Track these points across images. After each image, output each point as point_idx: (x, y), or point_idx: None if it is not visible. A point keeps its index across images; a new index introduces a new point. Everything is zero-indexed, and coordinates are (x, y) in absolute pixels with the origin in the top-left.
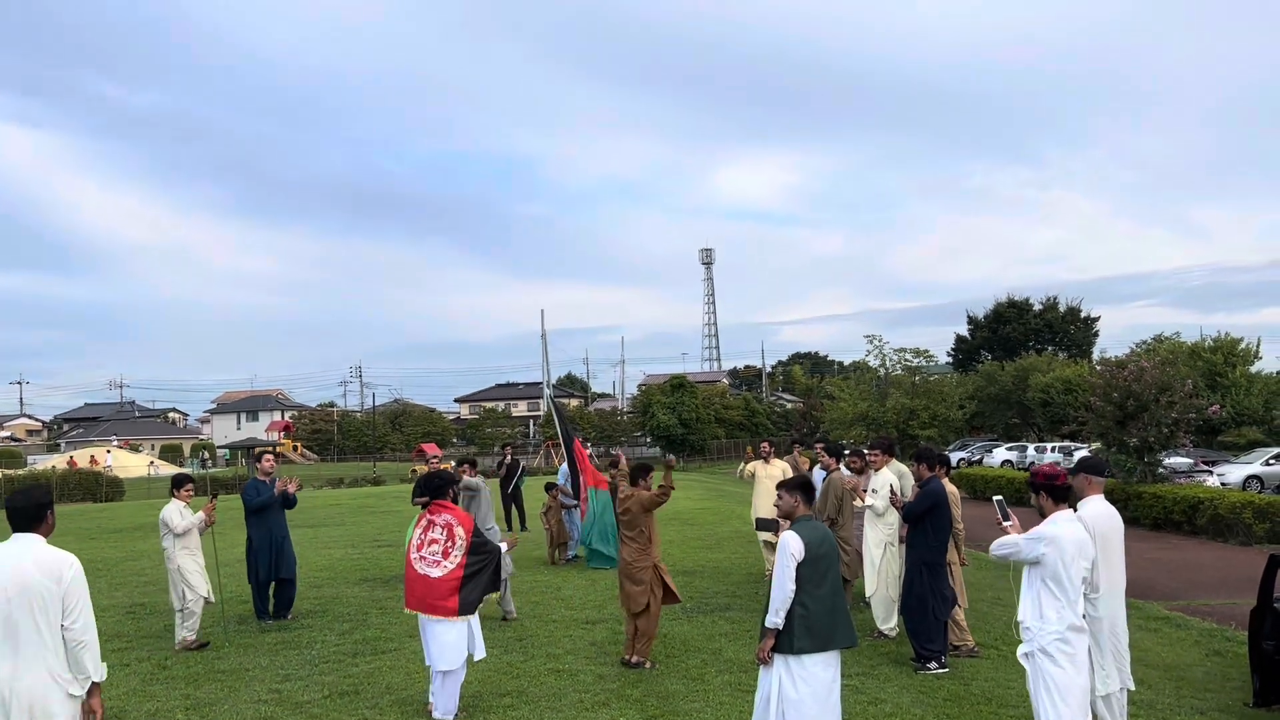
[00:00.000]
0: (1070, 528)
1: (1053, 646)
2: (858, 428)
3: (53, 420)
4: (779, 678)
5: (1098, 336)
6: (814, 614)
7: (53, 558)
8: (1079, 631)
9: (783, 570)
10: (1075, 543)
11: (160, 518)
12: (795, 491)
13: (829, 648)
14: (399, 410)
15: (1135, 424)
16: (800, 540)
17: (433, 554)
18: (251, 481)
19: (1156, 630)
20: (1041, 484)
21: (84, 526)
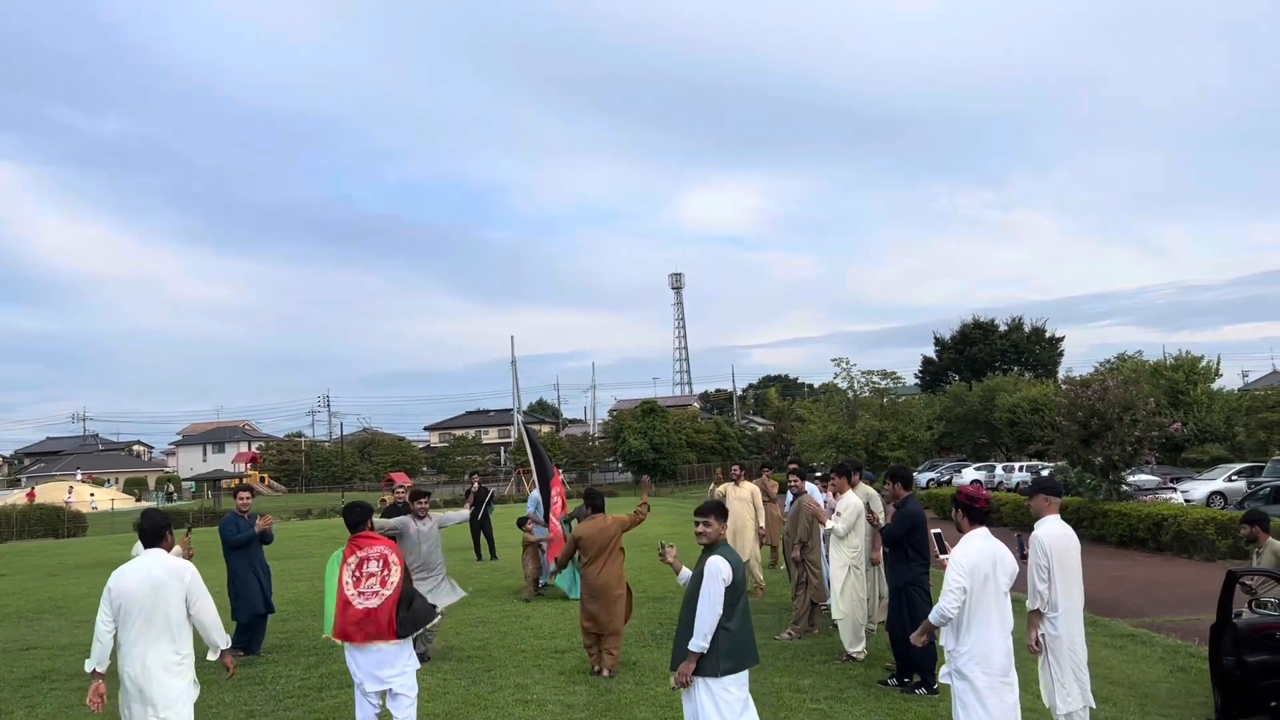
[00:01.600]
0: (978, 545)
1: (967, 667)
2: (828, 450)
3: (13, 455)
4: (700, 700)
5: (1063, 356)
6: (735, 635)
7: (177, 565)
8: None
9: (714, 595)
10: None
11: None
12: (719, 517)
13: (744, 667)
14: (368, 439)
15: (1100, 442)
16: (729, 564)
17: (370, 587)
18: (229, 517)
19: (1121, 648)
20: (961, 502)
21: (45, 563)
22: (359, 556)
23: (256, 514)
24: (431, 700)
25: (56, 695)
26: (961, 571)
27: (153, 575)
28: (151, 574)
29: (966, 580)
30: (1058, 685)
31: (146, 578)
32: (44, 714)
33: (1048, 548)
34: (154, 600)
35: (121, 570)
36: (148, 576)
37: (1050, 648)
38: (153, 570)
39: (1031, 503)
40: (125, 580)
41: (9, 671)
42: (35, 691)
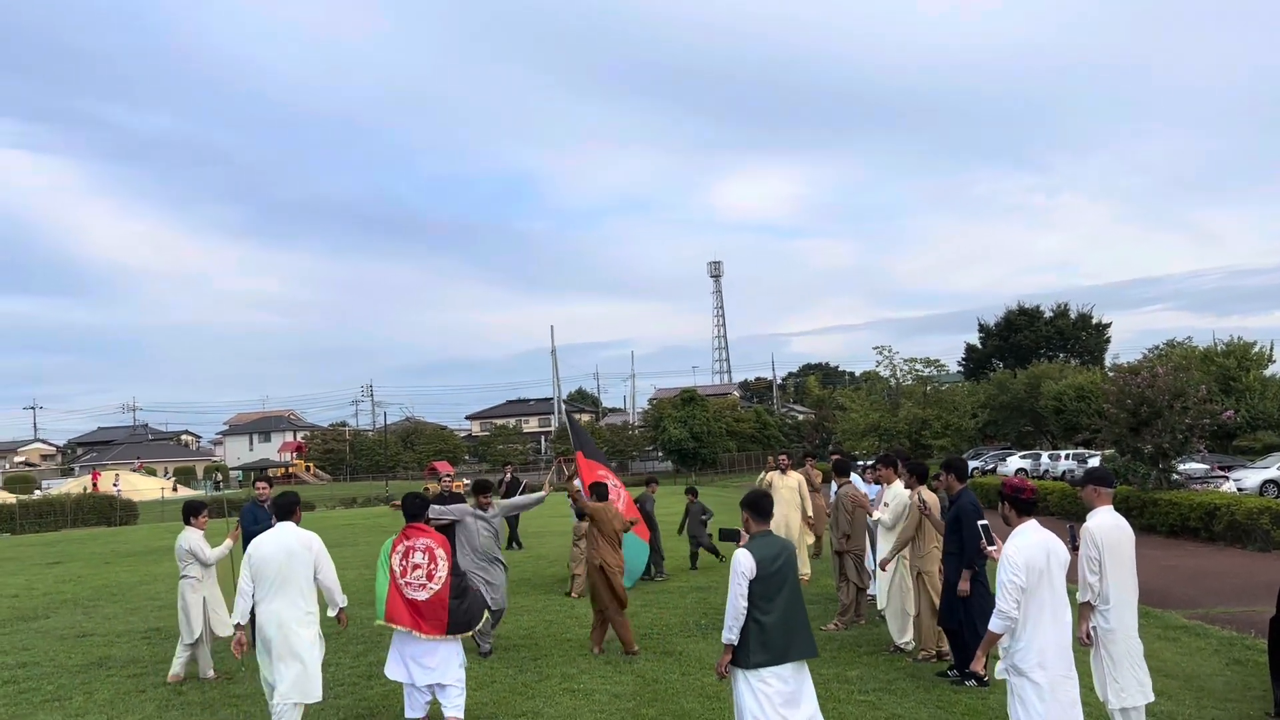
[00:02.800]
0: (1029, 539)
1: (1024, 663)
2: (870, 438)
3: (66, 445)
4: (739, 690)
5: (1109, 342)
6: (768, 629)
7: (305, 536)
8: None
9: (734, 587)
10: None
11: (185, 548)
12: (746, 509)
13: (785, 661)
14: (410, 428)
15: (1149, 430)
16: (751, 558)
17: (418, 579)
18: (249, 506)
19: (1175, 639)
20: (1007, 495)
21: (99, 551)
22: (406, 546)
23: None
24: (479, 689)
25: (113, 681)
26: (1016, 570)
27: (286, 543)
28: (285, 542)
29: (1021, 577)
30: (1110, 679)
31: (280, 546)
32: (101, 699)
33: (1099, 539)
34: (287, 564)
35: (260, 539)
36: (282, 545)
37: (1102, 641)
38: (285, 539)
39: (1082, 493)
40: (262, 548)
41: (67, 658)
42: (93, 677)
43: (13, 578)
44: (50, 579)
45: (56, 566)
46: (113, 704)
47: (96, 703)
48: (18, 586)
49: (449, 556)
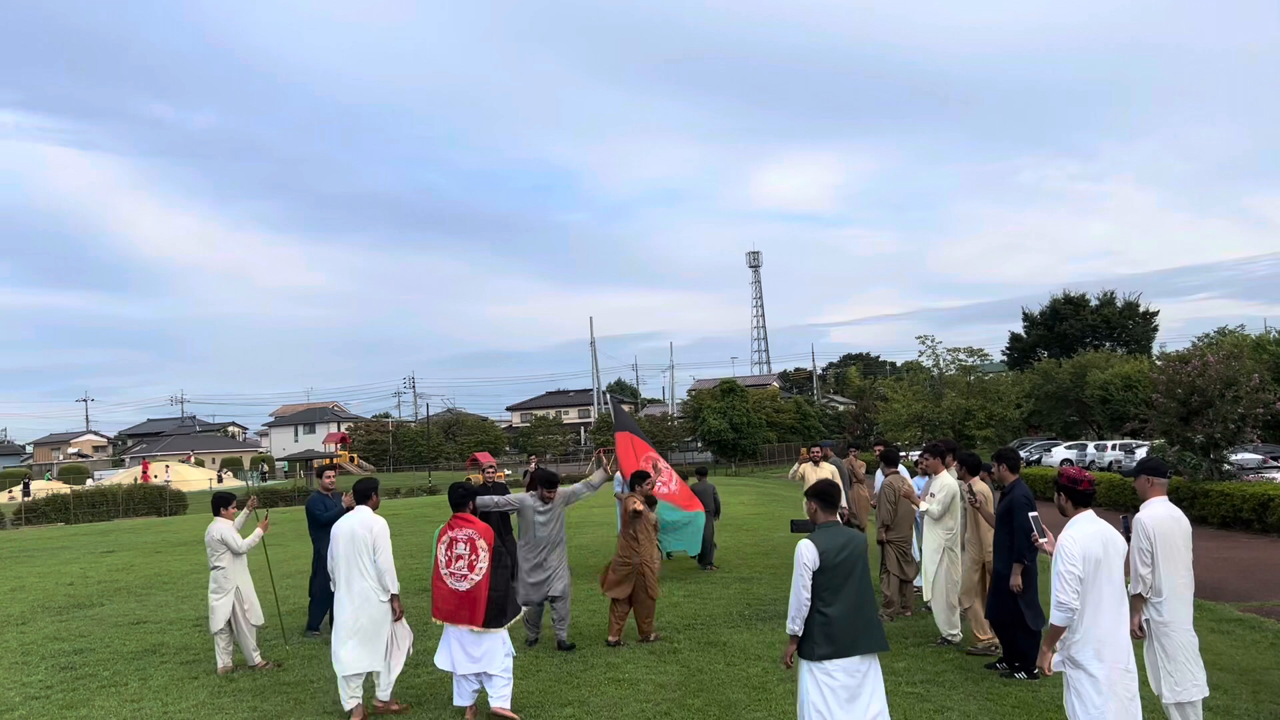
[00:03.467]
0: (1086, 529)
1: (1081, 655)
2: (912, 429)
3: (117, 436)
4: (805, 682)
5: (1157, 331)
6: (834, 621)
7: (371, 520)
8: (1118, 636)
9: (797, 579)
10: (1095, 543)
11: (215, 537)
12: (814, 499)
13: (851, 654)
14: (452, 420)
15: (1200, 420)
16: (815, 549)
17: (460, 569)
18: (316, 496)
19: (1229, 633)
20: (1064, 485)
21: (150, 540)
22: (450, 536)
23: (341, 492)
24: (524, 678)
25: (167, 668)
26: (1073, 560)
27: (351, 527)
28: (351, 526)
29: (1079, 567)
30: (1164, 673)
31: (348, 529)
32: (156, 686)
33: (1151, 531)
34: (351, 546)
35: (339, 522)
36: (349, 528)
37: (1155, 634)
38: (352, 523)
39: (1135, 484)
40: (337, 530)
41: (122, 645)
42: (148, 664)
43: (68, 566)
44: (104, 567)
45: (110, 555)
46: (167, 690)
47: (151, 689)
48: (73, 575)
49: (490, 548)
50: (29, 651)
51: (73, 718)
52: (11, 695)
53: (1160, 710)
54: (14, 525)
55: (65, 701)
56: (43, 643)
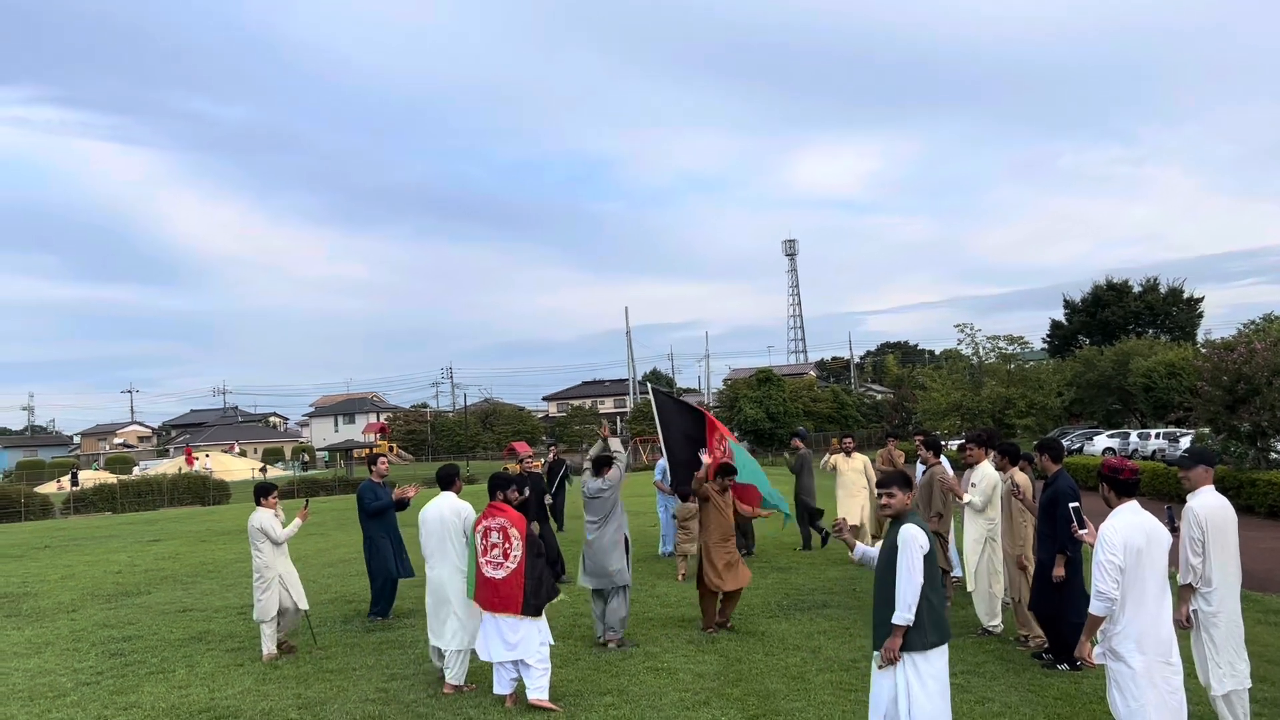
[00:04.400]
0: (1128, 519)
1: (1122, 647)
2: (951, 418)
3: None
4: (905, 676)
5: (1202, 317)
6: (936, 607)
7: (458, 504)
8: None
9: (914, 563)
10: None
11: (256, 526)
12: (903, 488)
13: (946, 640)
14: (489, 410)
15: (1246, 408)
16: (925, 533)
17: (495, 557)
18: (368, 484)
19: (1276, 624)
20: (1106, 475)
21: (195, 529)
22: (485, 526)
23: (392, 483)
24: (564, 667)
25: (213, 655)
26: (1113, 549)
27: (440, 511)
28: (440, 510)
29: (1120, 557)
30: (1212, 665)
31: (437, 512)
32: (203, 673)
33: (1203, 520)
34: (440, 529)
35: (425, 508)
36: (438, 511)
37: (1204, 624)
38: (441, 507)
39: (1191, 474)
40: (426, 513)
41: (169, 632)
42: (194, 651)
43: (116, 555)
44: (151, 556)
45: (156, 544)
46: (213, 677)
47: (198, 675)
48: (121, 563)
49: (524, 536)
50: (79, 638)
51: (122, 703)
52: (63, 681)
53: (1205, 703)
54: (63, 514)
55: (115, 688)
56: (92, 630)
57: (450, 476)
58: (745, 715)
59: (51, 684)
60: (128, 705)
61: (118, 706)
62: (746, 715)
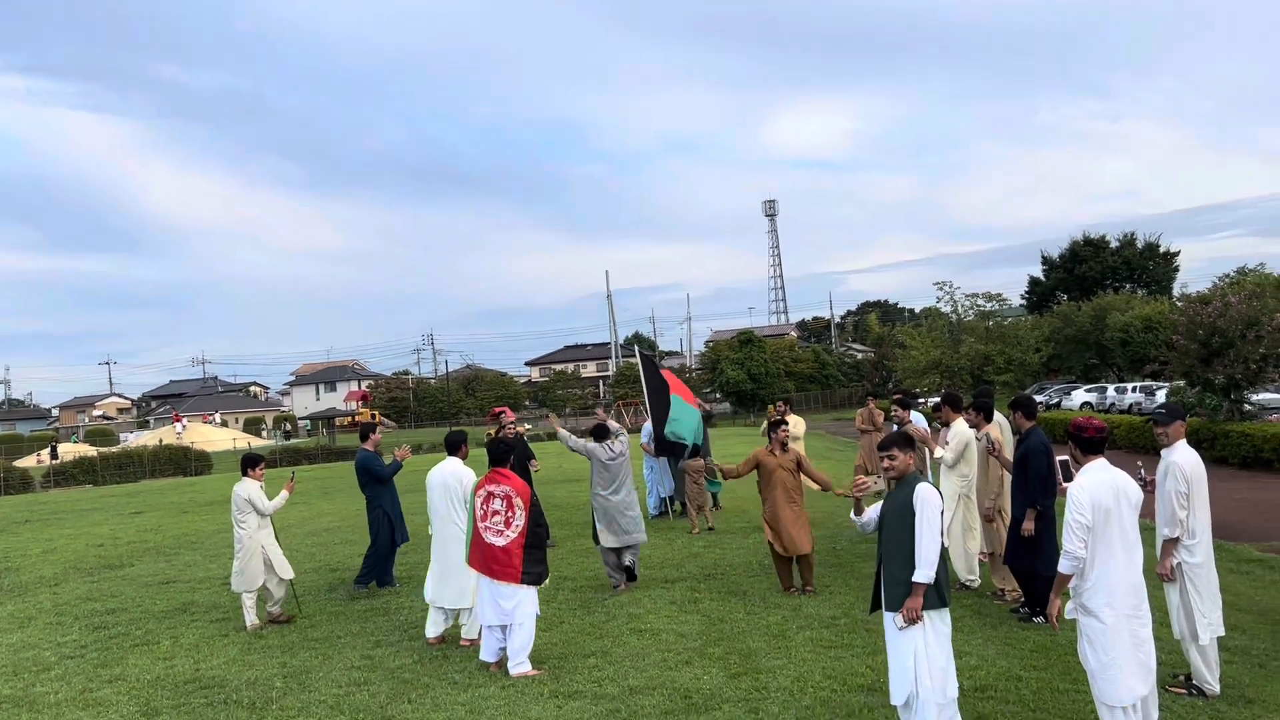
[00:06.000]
0: (1095, 477)
1: (1092, 603)
2: (931, 376)
3: (141, 398)
4: (926, 636)
5: (1178, 272)
6: (942, 568)
7: (461, 470)
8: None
9: (934, 523)
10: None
11: (243, 497)
12: (903, 449)
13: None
14: (471, 375)
15: (1221, 361)
16: (938, 493)
17: (495, 524)
18: (365, 454)
19: (1249, 573)
20: (1072, 434)
21: (177, 501)
22: (488, 491)
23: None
24: (548, 630)
25: (198, 626)
26: (1081, 509)
27: (444, 477)
28: (444, 476)
29: (1087, 515)
30: (1198, 615)
31: (439, 477)
32: (187, 644)
33: (1188, 474)
34: (444, 494)
35: (431, 471)
36: (440, 476)
37: (1190, 576)
38: (444, 471)
39: (1169, 429)
40: (431, 478)
41: (153, 604)
42: (178, 623)
43: (98, 527)
44: (133, 528)
45: (138, 516)
46: (198, 648)
47: (183, 646)
48: (103, 536)
49: (527, 506)
50: (62, 612)
51: (107, 676)
52: (47, 655)
53: (1176, 652)
54: (43, 488)
55: (100, 660)
56: (75, 603)
57: (457, 443)
58: (727, 674)
59: (35, 658)
60: (113, 678)
61: (102, 679)
62: (728, 674)
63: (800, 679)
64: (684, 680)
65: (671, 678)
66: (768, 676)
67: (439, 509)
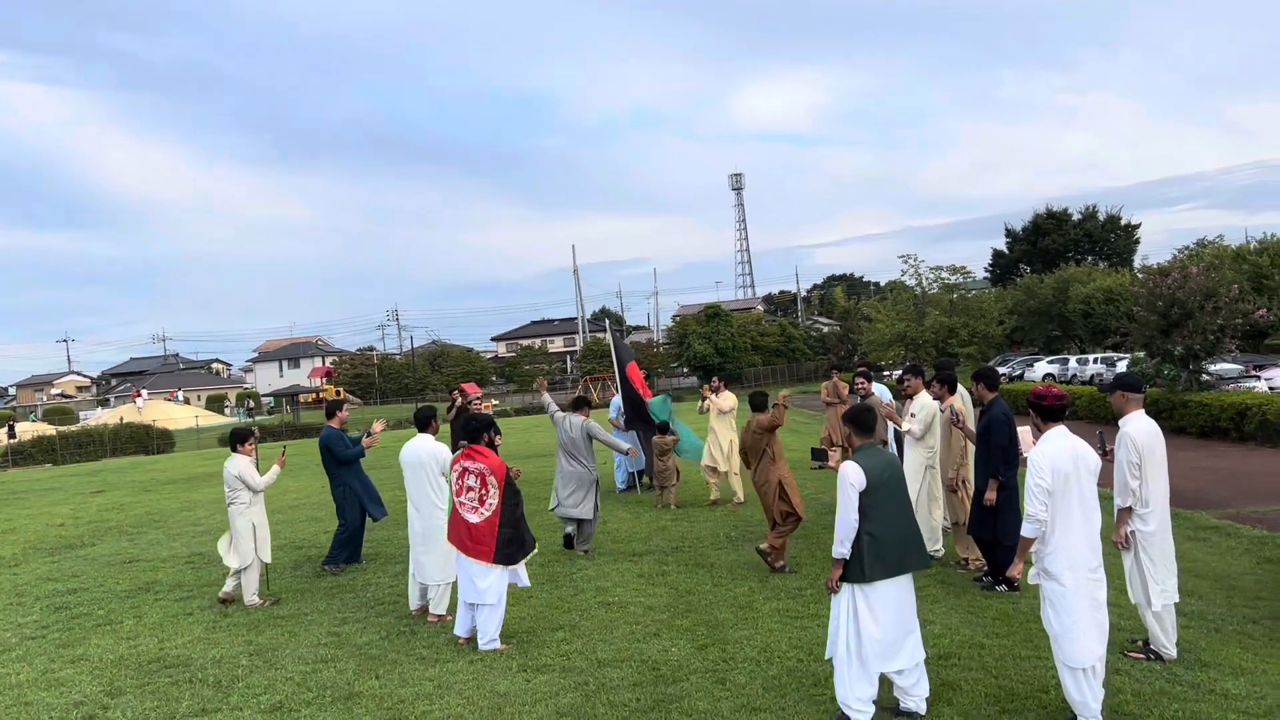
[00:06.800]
0: (1056, 444)
1: (1054, 566)
2: (896, 348)
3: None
4: (849, 605)
5: (1139, 244)
6: (883, 541)
7: (433, 446)
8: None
9: (845, 500)
10: (1064, 458)
11: (233, 474)
12: (848, 424)
13: (900, 572)
14: (437, 351)
15: (1180, 332)
16: (859, 469)
17: (470, 500)
18: (336, 433)
19: (1205, 540)
20: (1032, 403)
21: (139, 479)
22: (463, 466)
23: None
24: (515, 605)
25: (161, 605)
26: (1042, 474)
27: (417, 453)
28: (416, 452)
29: (1048, 479)
30: (1151, 581)
31: (414, 454)
32: (151, 623)
33: (1139, 444)
34: (418, 471)
35: (404, 447)
36: (414, 453)
37: (1142, 544)
38: (417, 449)
39: (1111, 399)
40: (404, 455)
41: (115, 584)
42: (141, 602)
43: (58, 507)
44: (94, 508)
45: (99, 495)
46: (162, 626)
47: (146, 625)
48: (64, 516)
49: (501, 484)
50: (23, 593)
51: (69, 656)
52: (8, 636)
53: (1135, 618)
54: (1, 468)
55: (62, 640)
56: (36, 584)
57: (427, 418)
58: (695, 645)
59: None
60: (75, 658)
61: (65, 659)
62: (696, 645)
63: (767, 649)
64: (652, 652)
65: (640, 650)
66: (735, 647)
67: (414, 485)
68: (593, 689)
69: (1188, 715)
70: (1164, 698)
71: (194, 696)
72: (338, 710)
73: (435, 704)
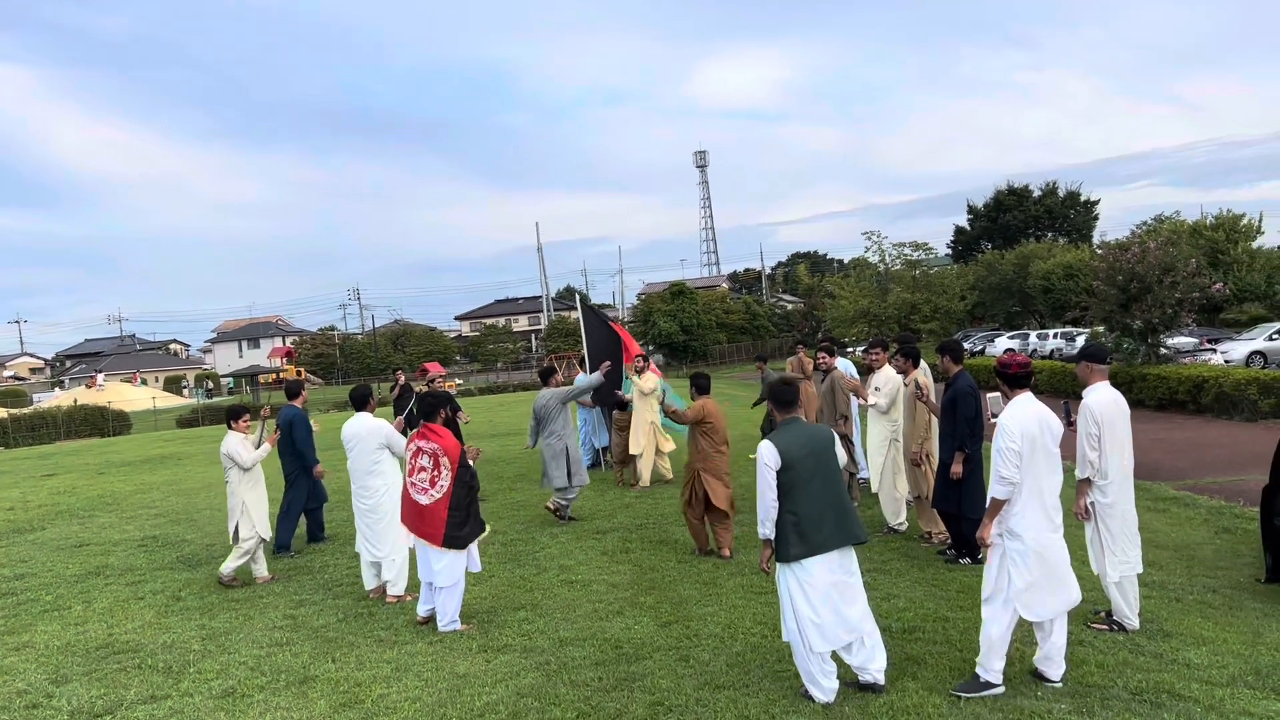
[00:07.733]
0: (1023, 409)
1: (1019, 526)
2: (859, 325)
3: (54, 358)
4: (786, 584)
5: (1098, 220)
6: (804, 519)
7: (373, 422)
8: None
9: (761, 481)
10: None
11: (224, 451)
12: (769, 401)
13: (825, 549)
14: (400, 331)
15: (1139, 306)
16: (774, 448)
17: (421, 481)
18: (300, 415)
19: (1165, 511)
20: (998, 371)
21: (93, 462)
22: (416, 446)
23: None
24: (477, 584)
25: (112, 590)
26: (1012, 438)
27: (357, 431)
28: (357, 430)
29: (1017, 442)
30: (1108, 552)
31: (355, 431)
32: (100, 608)
33: (1098, 415)
34: (361, 446)
35: (344, 426)
36: (355, 431)
37: (1101, 515)
38: (358, 426)
39: (1077, 370)
40: (344, 431)
41: (64, 568)
42: (91, 587)
43: (7, 491)
44: (45, 491)
45: (51, 479)
46: (111, 612)
47: (95, 611)
48: (13, 500)
49: (454, 466)
50: None
51: (14, 644)
52: None
53: (1099, 589)
54: None
55: (6, 628)
56: None
57: (364, 397)
58: (658, 622)
59: None
60: (19, 645)
61: (9, 647)
62: (659, 622)
63: (731, 625)
64: (615, 630)
65: (602, 628)
66: (699, 624)
67: (357, 462)
68: (554, 668)
69: (1151, 685)
70: (1127, 668)
71: (143, 683)
72: (292, 694)
73: (393, 686)
